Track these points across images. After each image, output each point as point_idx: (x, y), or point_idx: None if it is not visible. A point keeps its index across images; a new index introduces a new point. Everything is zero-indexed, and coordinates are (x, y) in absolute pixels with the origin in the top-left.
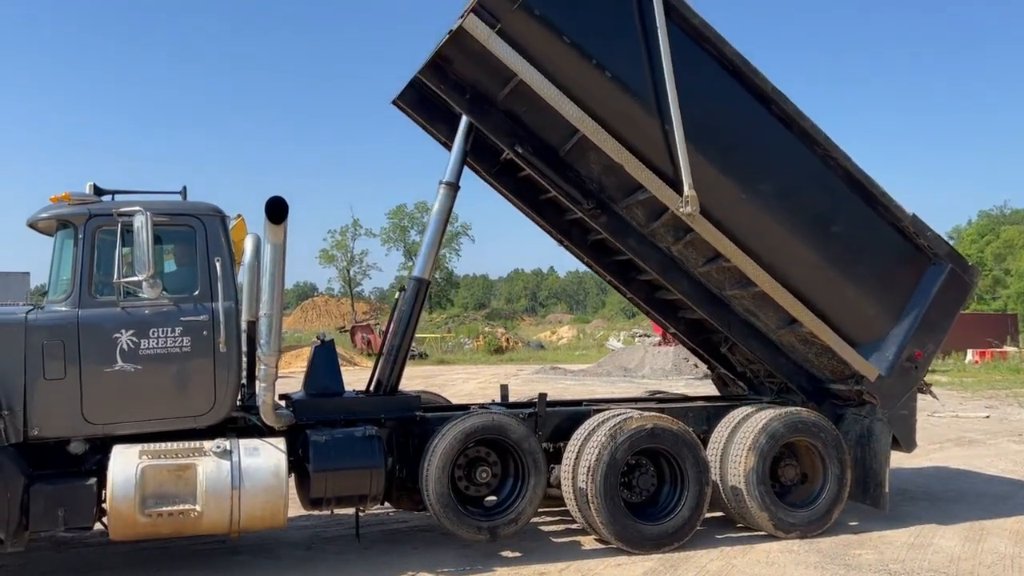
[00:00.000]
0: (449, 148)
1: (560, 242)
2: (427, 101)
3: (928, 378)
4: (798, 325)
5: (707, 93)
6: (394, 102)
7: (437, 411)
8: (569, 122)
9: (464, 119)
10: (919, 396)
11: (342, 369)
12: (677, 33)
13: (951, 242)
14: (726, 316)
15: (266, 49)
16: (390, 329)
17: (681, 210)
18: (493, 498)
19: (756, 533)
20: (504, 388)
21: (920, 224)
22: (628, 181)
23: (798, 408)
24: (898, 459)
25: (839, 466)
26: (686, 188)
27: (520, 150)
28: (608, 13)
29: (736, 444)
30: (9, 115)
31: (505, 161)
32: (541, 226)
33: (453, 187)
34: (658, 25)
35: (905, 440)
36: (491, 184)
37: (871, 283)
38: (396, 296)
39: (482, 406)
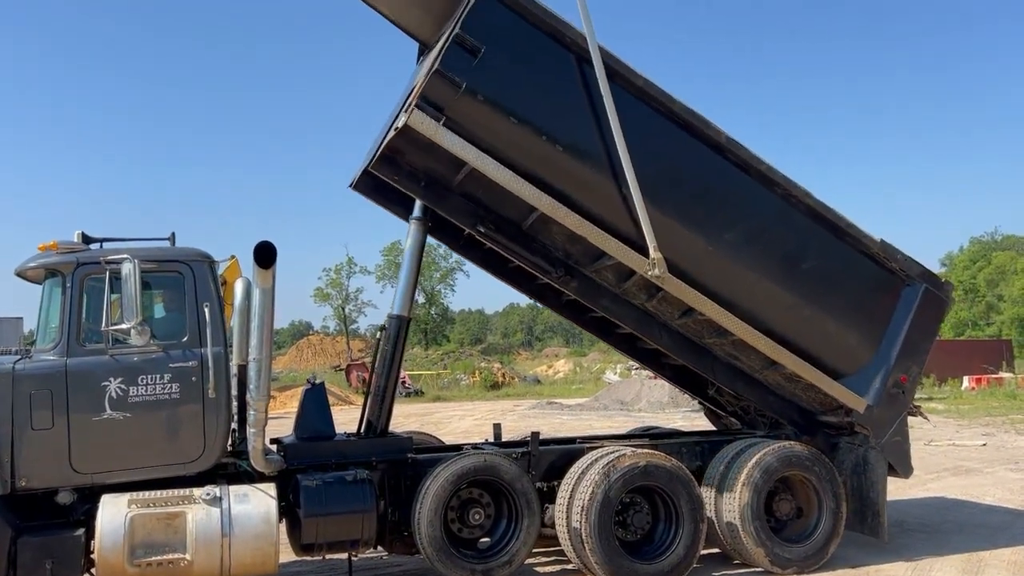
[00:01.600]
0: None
1: (535, 303)
2: (384, 186)
3: (924, 406)
4: (781, 366)
5: (660, 151)
6: (351, 187)
7: (429, 452)
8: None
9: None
10: (913, 421)
11: (338, 408)
12: (623, 96)
13: (942, 269)
14: (709, 362)
15: (260, 83)
16: (374, 370)
17: (649, 273)
18: (487, 540)
19: (753, 569)
20: (497, 427)
21: (890, 249)
22: (594, 248)
23: (791, 442)
24: (894, 490)
25: (834, 500)
26: (651, 251)
27: (482, 229)
28: (552, 86)
29: (730, 480)
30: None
31: (469, 235)
32: (515, 288)
33: (423, 222)
34: (602, 91)
35: (901, 466)
36: (459, 254)
37: (849, 314)
38: (377, 336)
39: (475, 446)
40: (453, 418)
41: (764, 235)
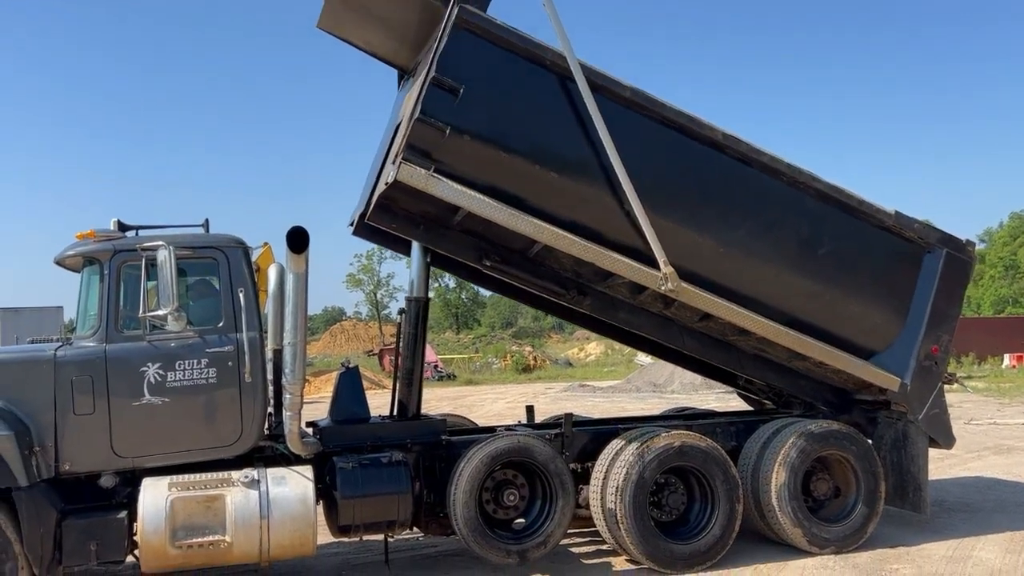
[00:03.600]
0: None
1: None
2: (381, 231)
3: (966, 384)
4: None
5: (658, 158)
6: (353, 233)
7: (463, 434)
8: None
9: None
10: (953, 400)
11: (372, 393)
12: (612, 107)
13: (981, 246)
14: (735, 358)
15: (293, 64)
16: (399, 353)
17: (663, 288)
18: (522, 521)
19: (790, 549)
20: (530, 409)
21: (905, 219)
22: (603, 268)
23: (828, 421)
24: (935, 469)
25: (872, 479)
26: (661, 265)
27: (488, 263)
28: (539, 111)
29: (767, 459)
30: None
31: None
32: (529, 305)
33: (424, 255)
34: (589, 107)
35: (942, 437)
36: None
37: (871, 292)
38: (398, 320)
39: (508, 428)
40: (485, 401)
41: (776, 226)
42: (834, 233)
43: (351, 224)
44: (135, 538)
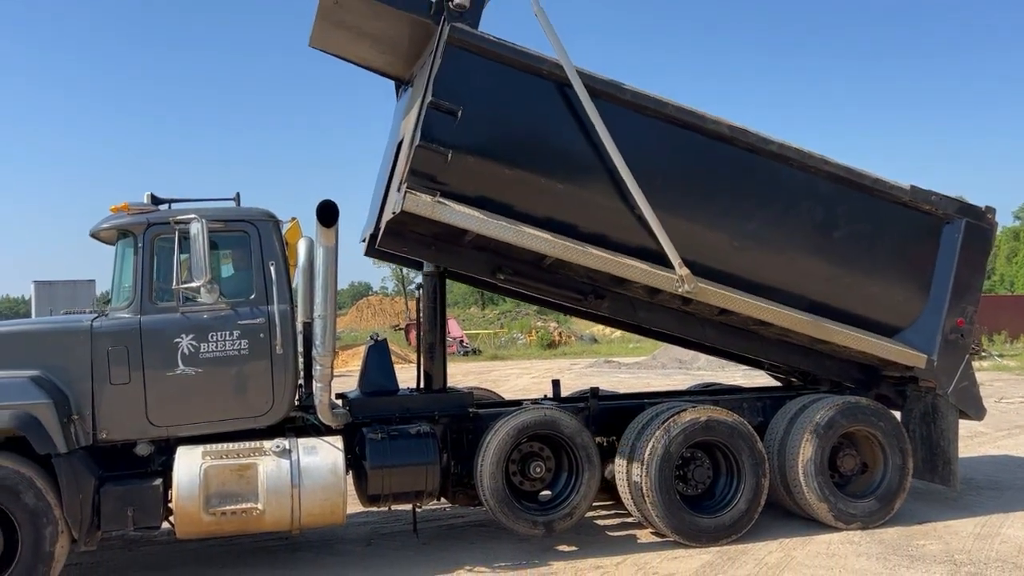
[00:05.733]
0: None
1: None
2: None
3: (995, 363)
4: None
5: (665, 158)
6: (365, 254)
7: (490, 407)
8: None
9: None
10: (983, 379)
11: (399, 367)
12: (614, 111)
13: (1016, 223)
14: (759, 344)
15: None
16: (420, 327)
17: (680, 289)
18: (547, 493)
19: (816, 524)
20: (556, 383)
21: (921, 192)
22: (618, 276)
23: (856, 397)
24: (964, 447)
25: (900, 455)
26: (676, 267)
27: (502, 277)
28: (541, 121)
29: (793, 435)
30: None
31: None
32: (546, 306)
33: (436, 271)
34: (590, 114)
35: (973, 410)
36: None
37: (892, 270)
38: (416, 295)
39: (534, 401)
40: (511, 376)
41: (789, 214)
42: (849, 214)
43: (363, 241)
44: (170, 505)
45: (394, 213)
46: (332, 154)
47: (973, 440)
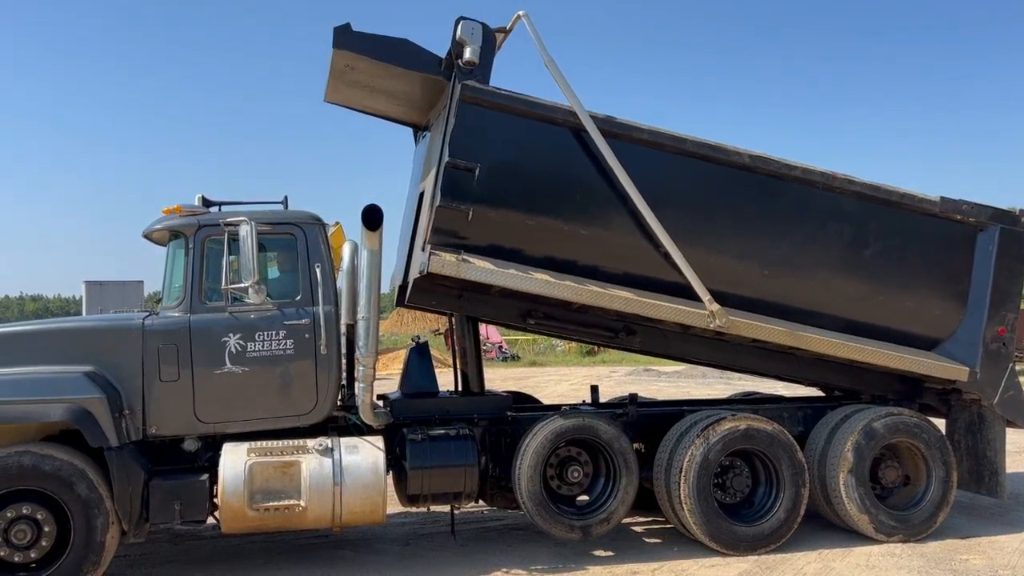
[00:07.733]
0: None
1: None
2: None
3: None
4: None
5: (687, 193)
6: (396, 304)
7: (528, 411)
8: None
9: None
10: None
11: (437, 371)
12: (633, 151)
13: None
14: (795, 366)
15: None
16: (454, 333)
17: (712, 325)
18: (585, 497)
19: (856, 535)
20: (595, 389)
21: (951, 203)
22: (648, 316)
23: (899, 408)
24: (1011, 463)
25: (944, 468)
26: (707, 303)
27: (533, 322)
28: (560, 169)
29: (835, 445)
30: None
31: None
32: (578, 342)
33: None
34: (607, 158)
35: (1021, 418)
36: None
37: (928, 282)
38: None
39: (573, 407)
40: (549, 382)
41: (818, 236)
42: (879, 232)
43: (391, 290)
44: (216, 500)
45: (420, 273)
46: (370, 161)
47: (1021, 455)
